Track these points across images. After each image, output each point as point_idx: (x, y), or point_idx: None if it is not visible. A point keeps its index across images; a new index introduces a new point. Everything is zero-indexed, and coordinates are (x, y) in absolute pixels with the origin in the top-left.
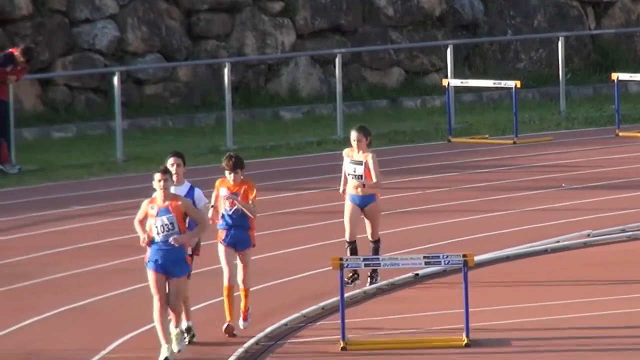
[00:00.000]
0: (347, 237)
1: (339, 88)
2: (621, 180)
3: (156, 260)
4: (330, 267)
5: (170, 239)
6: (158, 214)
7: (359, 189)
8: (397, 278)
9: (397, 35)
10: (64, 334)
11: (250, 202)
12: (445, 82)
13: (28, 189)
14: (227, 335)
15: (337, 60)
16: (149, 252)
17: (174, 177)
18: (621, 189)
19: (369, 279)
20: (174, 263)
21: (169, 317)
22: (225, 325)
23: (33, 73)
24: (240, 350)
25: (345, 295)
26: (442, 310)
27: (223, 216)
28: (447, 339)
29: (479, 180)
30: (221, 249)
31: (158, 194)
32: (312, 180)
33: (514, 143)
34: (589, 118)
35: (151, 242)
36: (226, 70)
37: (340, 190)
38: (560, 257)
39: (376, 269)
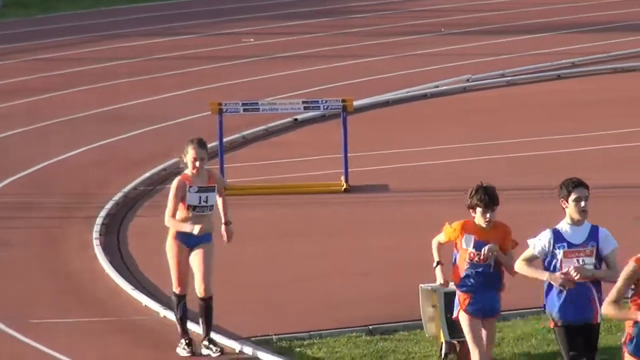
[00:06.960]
0: (177, 290)
1: None
2: (500, 25)
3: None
4: (209, 112)
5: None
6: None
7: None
8: (274, 123)
9: None
10: None
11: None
12: None
13: None
14: None
15: None
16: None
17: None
18: (500, 34)
19: (203, 346)
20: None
21: None
22: None
23: None
24: (119, 195)
25: (225, 140)
26: (322, 156)
27: (466, 275)
28: (327, 184)
29: (356, 25)
30: (464, 318)
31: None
32: (186, 25)
33: None
34: None
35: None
36: None
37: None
38: (440, 102)
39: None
